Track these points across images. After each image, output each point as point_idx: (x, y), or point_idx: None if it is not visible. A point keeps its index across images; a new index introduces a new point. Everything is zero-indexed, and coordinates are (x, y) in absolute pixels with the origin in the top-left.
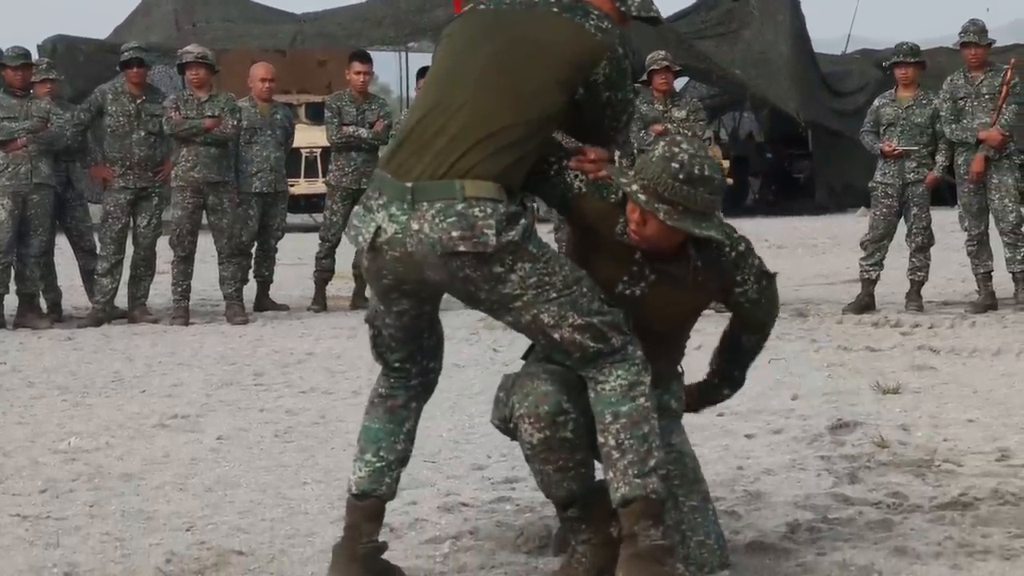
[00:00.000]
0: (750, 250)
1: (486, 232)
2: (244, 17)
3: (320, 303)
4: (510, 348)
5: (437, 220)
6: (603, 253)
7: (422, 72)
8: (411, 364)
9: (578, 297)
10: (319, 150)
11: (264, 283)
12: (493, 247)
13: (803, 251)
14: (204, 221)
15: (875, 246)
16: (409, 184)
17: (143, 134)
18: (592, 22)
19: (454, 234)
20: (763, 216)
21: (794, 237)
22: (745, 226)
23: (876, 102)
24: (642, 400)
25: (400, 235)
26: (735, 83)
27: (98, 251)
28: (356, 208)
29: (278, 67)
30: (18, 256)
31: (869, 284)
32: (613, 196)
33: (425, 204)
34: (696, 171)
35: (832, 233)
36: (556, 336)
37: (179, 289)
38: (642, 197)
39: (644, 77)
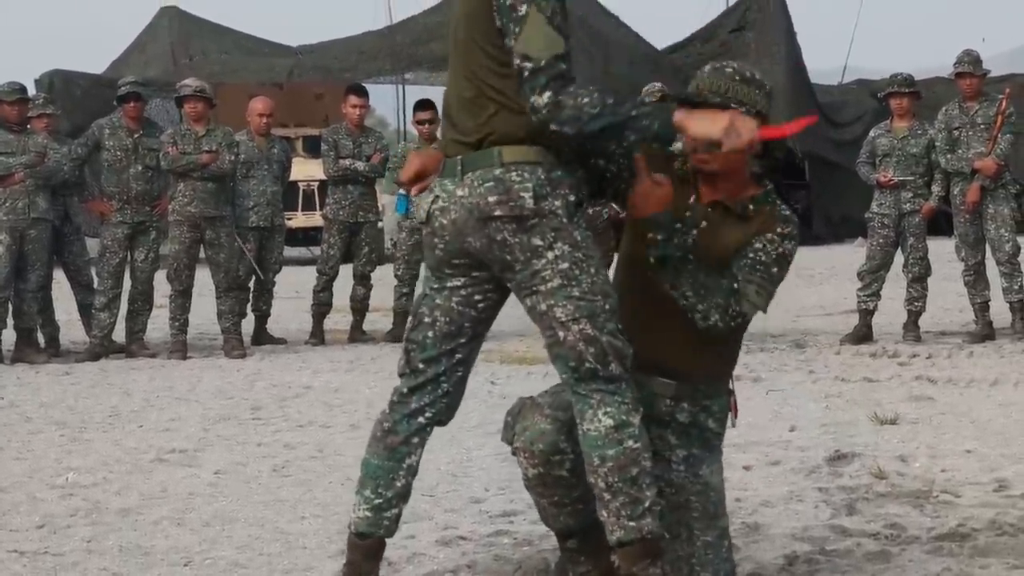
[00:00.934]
0: (796, 223)
1: (522, 195)
2: (241, 50)
3: (318, 337)
4: (508, 381)
5: (475, 185)
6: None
7: (419, 104)
8: (433, 372)
9: (598, 309)
10: (316, 183)
11: (262, 317)
12: (530, 210)
13: (801, 282)
14: (202, 255)
15: (872, 276)
16: (458, 158)
17: (140, 168)
18: None
19: (490, 199)
20: None
21: (792, 268)
22: None
23: (872, 133)
24: (630, 443)
25: (446, 203)
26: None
27: (96, 285)
28: (424, 192)
29: (275, 100)
30: (16, 291)
31: (867, 315)
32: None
33: (470, 173)
34: (748, 74)
35: (829, 264)
36: (561, 335)
37: (177, 323)
38: (715, 99)
39: None
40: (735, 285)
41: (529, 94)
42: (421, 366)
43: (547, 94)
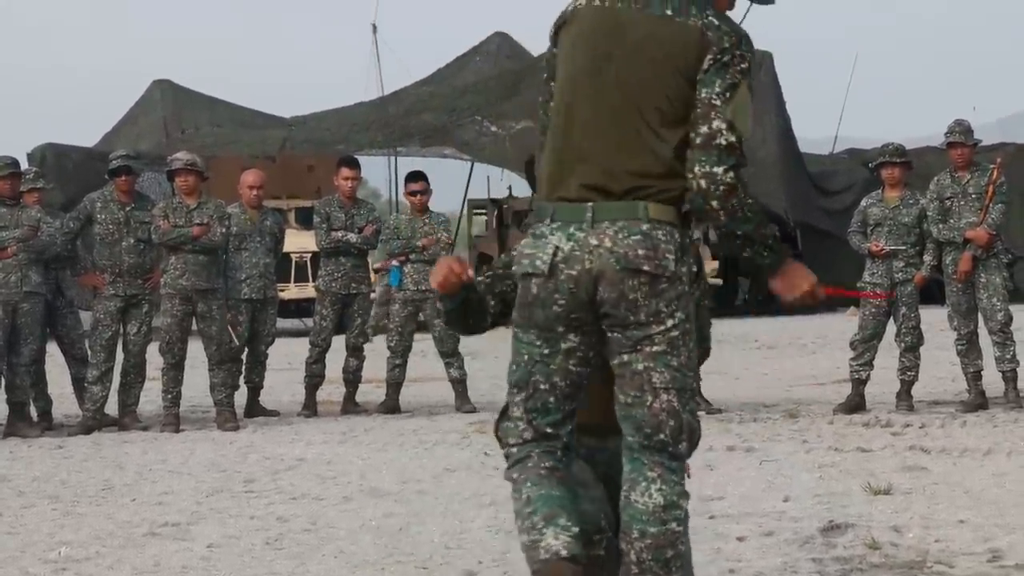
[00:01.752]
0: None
1: (667, 256)
2: (233, 122)
3: (311, 408)
4: (500, 453)
5: (621, 236)
6: None
7: (411, 176)
8: (562, 431)
9: (688, 385)
10: (309, 255)
11: (255, 389)
12: (670, 273)
13: (793, 351)
14: (194, 328)
15: (865, 346)
16: (589, 204)
17: (132, 241)
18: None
19: (640, 252)
20: (753, 316)
21: (784, 337)
22: (735, 327)
23: (863, 202)
24: (674, 525)
25: (578, 251)
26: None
27: (89, 359)
28: (524, 240)
29: (268, 172)
30: (8, 365)
31: (859, 384)
32: None
33: (606, 223)
34: None
35: (822, 333)
36: (649, 399)
37: (169, 396)
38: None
39: None
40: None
41: (709, 163)
42: (549, 430)
43: (731, 174)
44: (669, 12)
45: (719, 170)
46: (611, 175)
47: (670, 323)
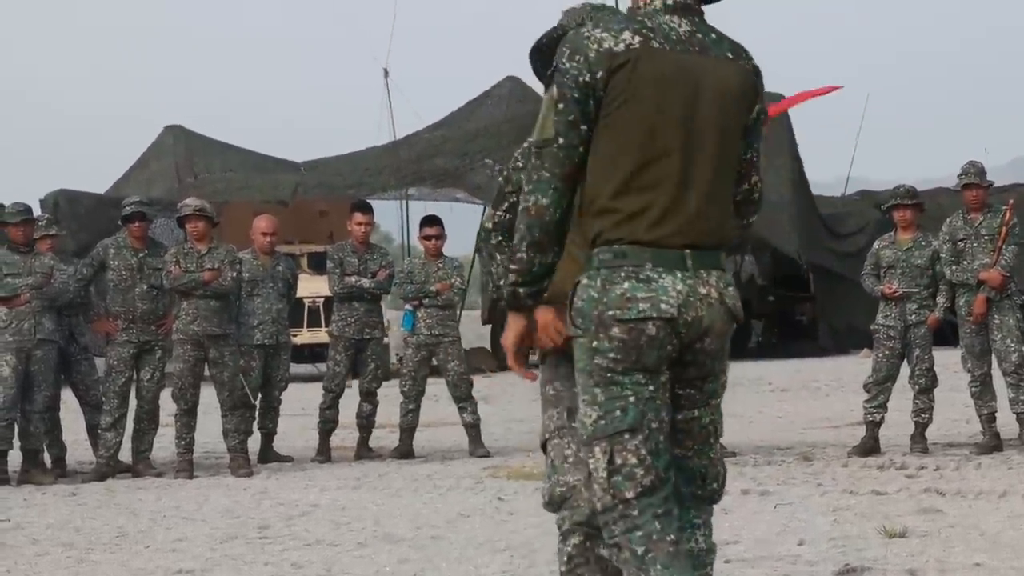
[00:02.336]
0: None
1: (739, 303)
2: (245, 167)
3: (324, 454)
4: (515, 497)
5: (722, 286)
6: None
7: (425, 220)
8: (670, 474)
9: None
10: (322, 299)
11: (268, 435)
12: (741, 320)
13: (807, 394)
14: (206, 373)
15: (879, 388)
16: (687, 252)
17: (145, 288)
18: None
19: (738, 304)
20: (766, 359)
21: (797, 380)
22: (749, 369)
23: (876, 244)
24: (710, 569)
25: (692, 299)
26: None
27: (102, 405)
28: (625, 285)
29: (280, 217)
30: (22, 412)
31: (873, 427)
32: None
33: (703, 271)
34: (600, 3)
35: (836, 375)
36: (712, 453)
37: (183, 442)
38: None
39: None
40: None
41: (749, 216)
42: (666, 474)
43: (755, 220)
44: (730, 55)
45: (754, 220)
46: (703, 223)
47: (727, 372)
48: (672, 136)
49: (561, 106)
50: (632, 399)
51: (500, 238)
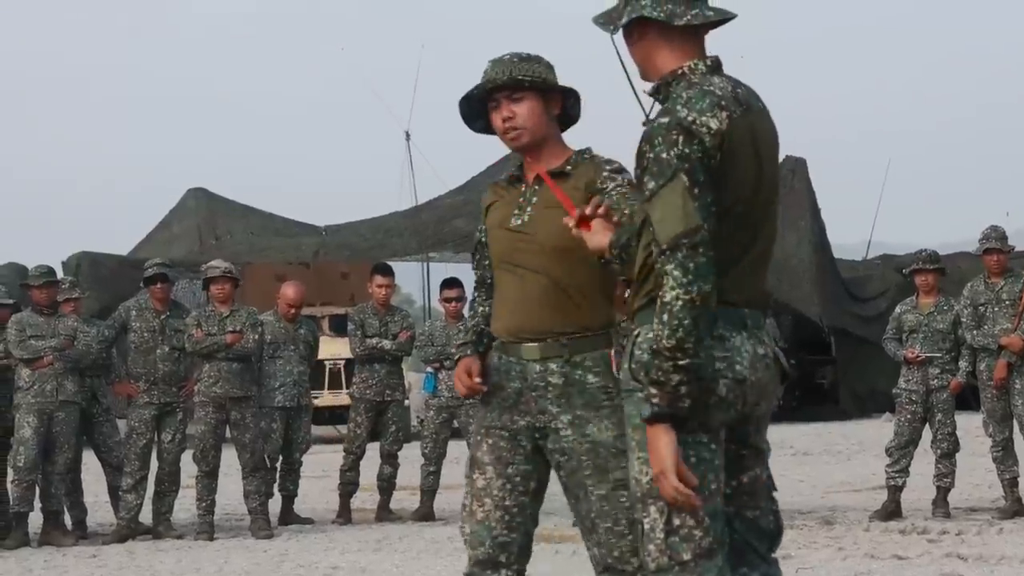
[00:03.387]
0: (621, 165)
1: (785, 362)
2: (267, 230)
3: (345, 516)
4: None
5: (773, 346)
6: (497, 209)
7: (446, 283)
8: (726, 537)
9: None
10: (343, 361)
11: (289, 497)
12: (791, 376)
13: (828, 457)
14: (227, 435)
15: (901, 452)
16: (745, 311)
17: (167, 349)
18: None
19: (785, 363)
20: (787, 422)
21: (819, 443)
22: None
23: (898, 309)
24: None
25: (755, 360)
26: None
27: (123, 467)
28: (706, 343)
29: (301, 279)
30: (43, 473)
31: (895, 491)
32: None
33: (757, 331)
34: (524, 54)
35: (857, 439)
36: (775, 506)
37: (203, 504)
38: (500, 78)
39: None
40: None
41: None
42: (723, 537)
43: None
44: (762, 105)
45: None
46: (757, 282)
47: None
48: (750, 204)
49: (697, 191)
50: (693, 460)
51: (478, 293)
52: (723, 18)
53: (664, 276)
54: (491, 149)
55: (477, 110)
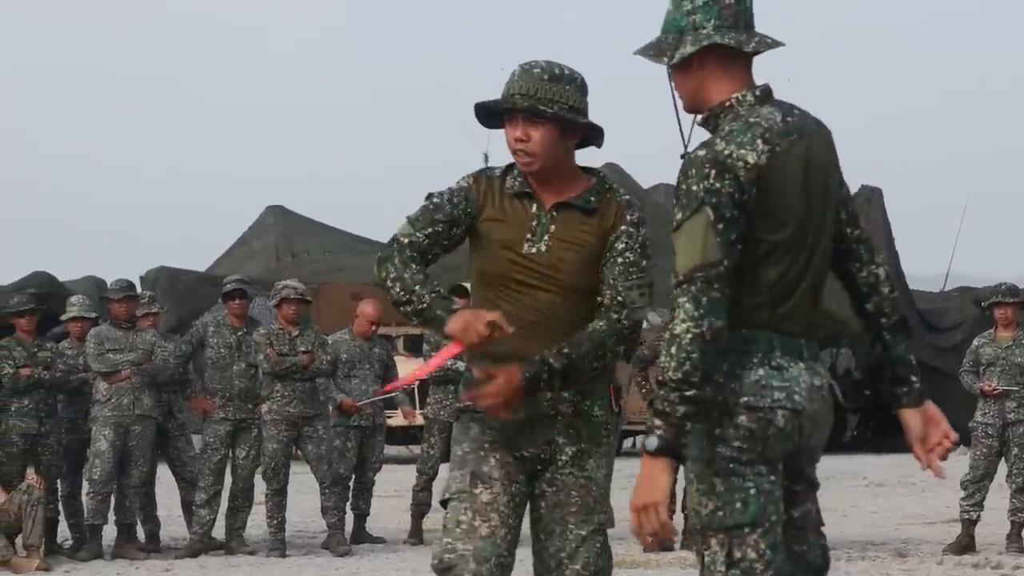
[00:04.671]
0: (639, 206)
1: (839, 393)
2: (344, 248)
3: (417, 536)
4: None
5: (828, 377)
6: (497, 223)
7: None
8: (787, 570)
9: None
10: (417, 382)
11: (361, 516)
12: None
13: (902, 490)
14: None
15: (975, 486)
16: (802, 341)
17: (243, 366)
18: None
19: (838, 395)
20: (861, 453)
21: (893, 475)
22: (843, 463)
23: (975, 342)
24: None
25: (812, 391)
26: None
27: (198, 482)
28: (760, 372)
29: (377, 299)
30: (118, 486)
31: (969, 524)
32: (486, 175)
33: (813, 362)
34: (556, 71)
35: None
36: (824, 540)
37: (274, 521)
38: (524, 103)
39: None
40: (618, 297)
41: (892, 310)
42: (784, 570)
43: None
44: (816, 126)
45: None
46: (812, 312)
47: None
48: (801, 234)
49: (721, 227)
50: (754, 492)
51: (412, 254)
52: (778, 45)
53: (677, 308)
54: None
55: (490, 115)
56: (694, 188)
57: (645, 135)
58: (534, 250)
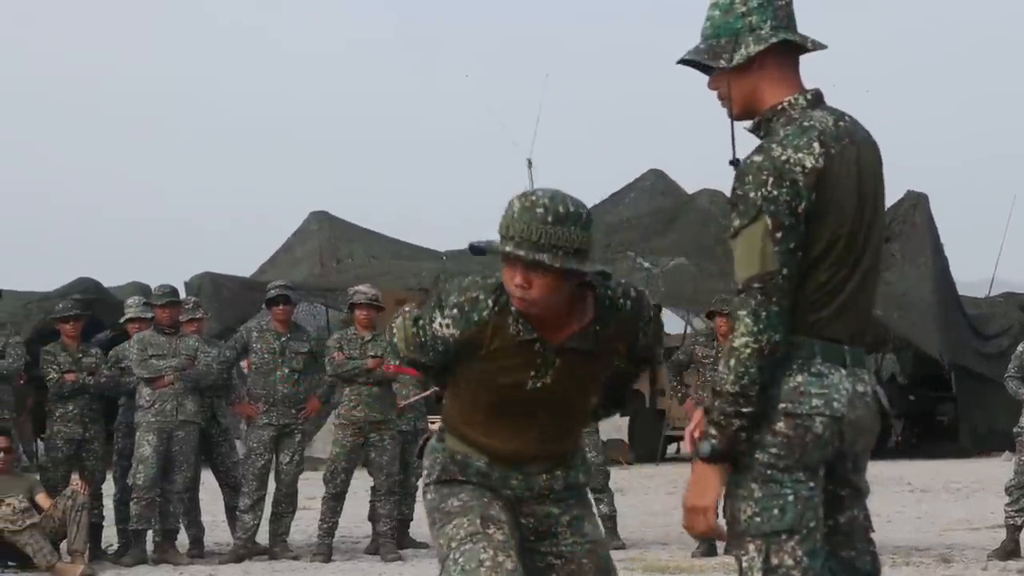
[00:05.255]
0: (643, 294)
1: (886, 400)
2: (388, 254)
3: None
4: None
5: (873, 384)
6: (499, 363)
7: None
8: (826, 571)
9: None
10: None
11: (404, 521)
12: (890, 415)
13: (947, 495)
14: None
15: (1020, 492)
16: (845, 347)
17: (287, 371)
18: None
19: (885, 401)
20: (906, 459)
21: (937, 481)
22: (888, 468)
23: (1020, 347)
24: None
25: (854, 398)
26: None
27: (241, 487)
28: (799, 378)
29: (421, 305)
30: (162, 492)
31: (1015, 530)
32: (476, 315)
33: (857, 369)
34: (561, 210)
35: (976, 477)
36: (873, 547)
37: (325, 526)
38: (521, 252)
39: None
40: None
41: None
42: (823, 573)
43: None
44: (867, 134)
45: None
46: (859, 318)
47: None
48: (851, 238)
49: (779, 235)
50: (791, 498)
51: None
52: (824, 47)
53: (736, 320)
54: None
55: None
56: (751, 195)
57: (689, 142)
58: (539, 385)
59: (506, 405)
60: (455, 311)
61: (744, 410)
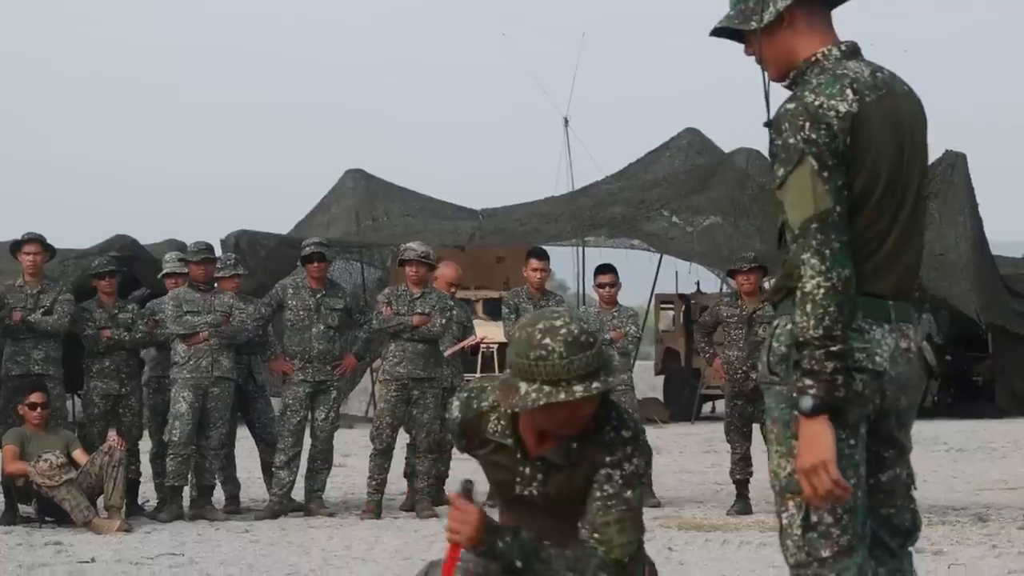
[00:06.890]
0: (636, 438)
1: (933, 357)
2: (423, 212)
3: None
4: (686, 548)
5: (919, 340)
6: (490, 459)
7: (600, 268)
8: (867, 531)
9: None
10: (496, 345)
11: (440, 477)
12: (938, 373)
13: (983, 455)
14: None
15: None
16: (889, 303)
17: (322, 328)
18: None
19: (932, 358)
20: (942, 419)
21: (974, 440)
22: (924, 428)
23: None
24: None
25: (896, 354)
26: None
27: (277, 444)
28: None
29: (457, 262)
30: (198, 448)
31: None
32: (477, 404)
33: (903, 324)
34: (578, 335)
35: (1013, 437)
36: (912, 504)
37: (374, 482)
38: (598, 390)
39: None
40: (594, 535)
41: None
42: (863, 531)
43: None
44: (907, 88)
45: None
46: (903, 274)
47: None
48: (889, 188)
49: (826, 174)
50: (838, 452)
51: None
52: None
53: (801, 265)
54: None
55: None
56: (791, 141)
57: (726, 102)
58: (525, 492)
59: (509, 501)
60: (464, 394)
61: (834, 349)
